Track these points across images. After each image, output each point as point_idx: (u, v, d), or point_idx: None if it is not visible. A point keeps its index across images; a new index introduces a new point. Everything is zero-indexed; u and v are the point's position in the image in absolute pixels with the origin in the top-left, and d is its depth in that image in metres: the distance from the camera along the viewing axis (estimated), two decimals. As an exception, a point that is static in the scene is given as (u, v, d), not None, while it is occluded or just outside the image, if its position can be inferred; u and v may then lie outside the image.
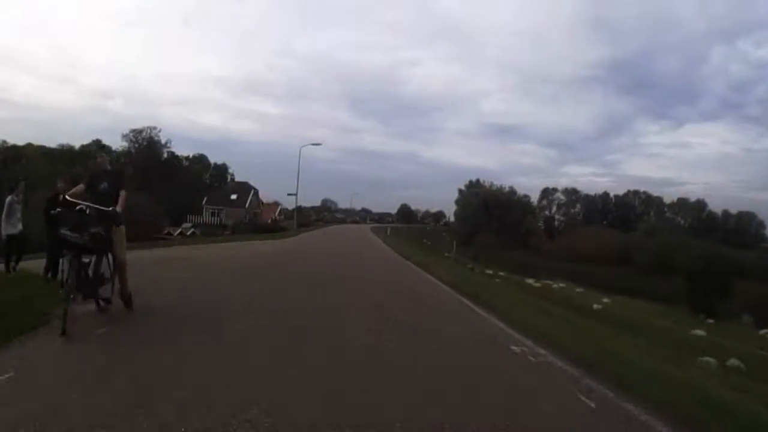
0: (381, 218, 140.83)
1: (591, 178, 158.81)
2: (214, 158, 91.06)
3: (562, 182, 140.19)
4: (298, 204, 52.94)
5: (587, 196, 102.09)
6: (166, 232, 45.08)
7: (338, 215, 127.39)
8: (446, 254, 32.23)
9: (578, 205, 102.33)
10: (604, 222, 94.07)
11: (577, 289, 27.17)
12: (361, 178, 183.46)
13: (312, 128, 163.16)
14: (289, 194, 50.51)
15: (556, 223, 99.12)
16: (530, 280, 25.58)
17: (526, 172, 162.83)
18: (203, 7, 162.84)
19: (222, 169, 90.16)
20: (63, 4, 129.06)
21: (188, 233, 50.17)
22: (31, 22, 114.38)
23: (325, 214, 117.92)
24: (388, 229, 64.71)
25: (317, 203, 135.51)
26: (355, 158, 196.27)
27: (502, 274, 26.31)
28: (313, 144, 49.79)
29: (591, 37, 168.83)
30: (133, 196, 44.85)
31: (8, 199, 9.23)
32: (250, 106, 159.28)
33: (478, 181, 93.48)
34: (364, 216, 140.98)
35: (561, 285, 27.33)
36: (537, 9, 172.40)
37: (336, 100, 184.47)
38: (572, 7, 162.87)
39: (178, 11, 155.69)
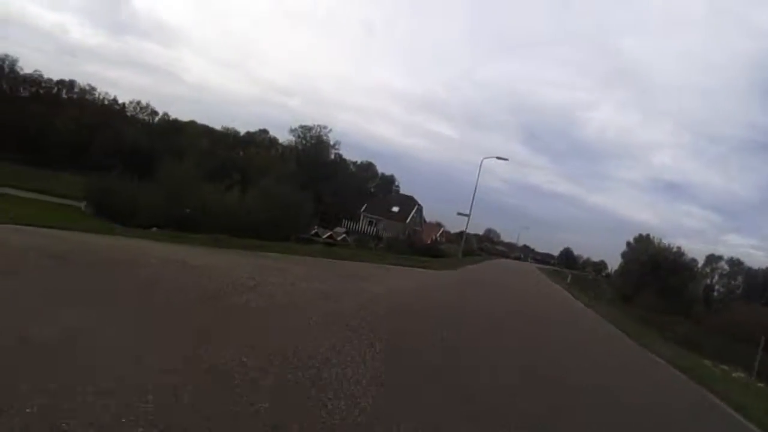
0: (543, 258, 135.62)
1: (749, 250, 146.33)
2: (382, 169, 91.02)
3: (720, 250, 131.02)
4: (466, 228, 48.82)
5: (750, 269, 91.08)
6: (313, 232, 45.19)
7: (499, 248, 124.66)
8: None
9: (739, 278, 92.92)
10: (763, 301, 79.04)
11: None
12: (525, 214, 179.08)
13: (482, 155, 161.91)
14: (459, 213, 45.59)
15: (715, 293, 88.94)
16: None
17: (688, 234, 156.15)
18: (390, 19, 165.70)
19: (388, 181, 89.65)
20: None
21: (339, 237, 49.40)
22: (213, 10, 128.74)
23: (486, 244, 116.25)
24: (569, 277, 58.26)
25: (480, 231, 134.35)
26: (522, 192, 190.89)
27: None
28: (498, 158, 43.25)
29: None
30: (277, 188, 41.07)
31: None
32: (424, 125, 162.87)
33: (648, 236, 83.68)
34: (525, 253, 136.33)
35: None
36: (714, 67, 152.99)
37: (510, 132, 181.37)
38: (750, 73, 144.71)
39: (364, 19, 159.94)
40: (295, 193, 41.40)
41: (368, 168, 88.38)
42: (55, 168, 59.58)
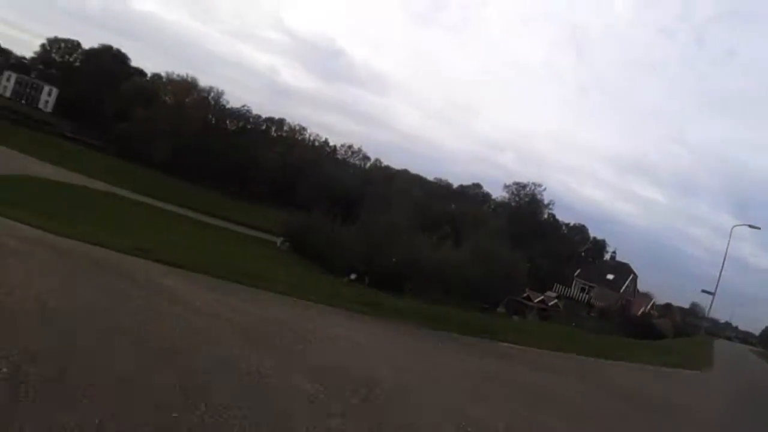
0: (744, 337, 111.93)
1: None
2: (593, 232, 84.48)
3: None
4: (710, 309, 40.41)
5: None
6: (524, 295, 41.96)
7: (704, 323, 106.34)
8: None
9: None
10: None
11: None
12: (730, 289, 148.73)
13: (692, 225, 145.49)
14: (703, 291, 38.48)
15: None
16: None
17: None
18: (600, 78, 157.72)
19: (600, 245, 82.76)
20: (467, 52, 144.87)
21: (550, 303, 44.55)
22: (427, 61, 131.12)
23: (692, 319, 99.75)
24: None
25: (684, 303, 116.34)
26: (729, 264, 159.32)
27: None
28: (750, 226, 36.14)
29: None
30: (491, 244, 34.24)
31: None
32: (634, 188, 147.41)
33: None
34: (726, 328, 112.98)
35: None
36: None
37: (719, 199, 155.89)
38: None
39: (578, 77, 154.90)
40: (508, 252, 38.58)
41: (580, 230, 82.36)
42: (258, 202, 61.80)
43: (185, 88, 70.69)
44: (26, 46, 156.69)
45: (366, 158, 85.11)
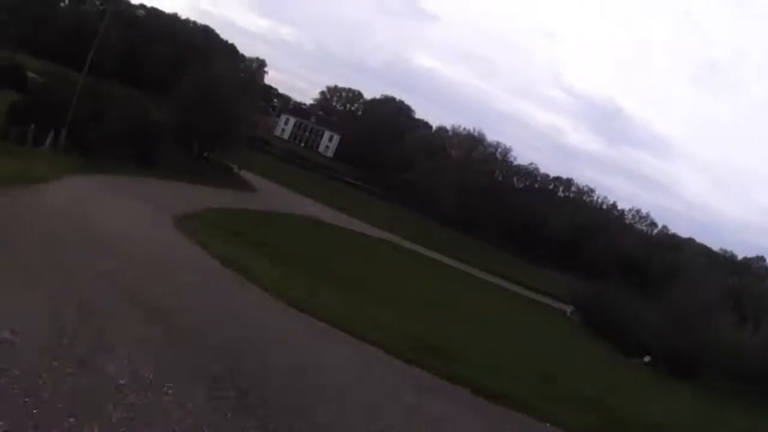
0: None
1: None
2: None
3: None
4: None
5: None
6: None
7: None
8: None
9: None
10: None
11: None
12: None
13: None
14: None
15: None
16: None
17: None
18: None
19: None
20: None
21: None
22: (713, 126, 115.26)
23: None
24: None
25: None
26: None
27: None
28: None
29: None
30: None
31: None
32: None
33: None
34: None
35: None
36: None
37: None
38: None
39: None
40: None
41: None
42: (540, 263, 59.45)
43: (472, 141, 71.59)
44: (304, 93, 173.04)
45: (653, 224, 77.39)
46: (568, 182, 78.07)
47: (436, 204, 59.82)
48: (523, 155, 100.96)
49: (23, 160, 14.06)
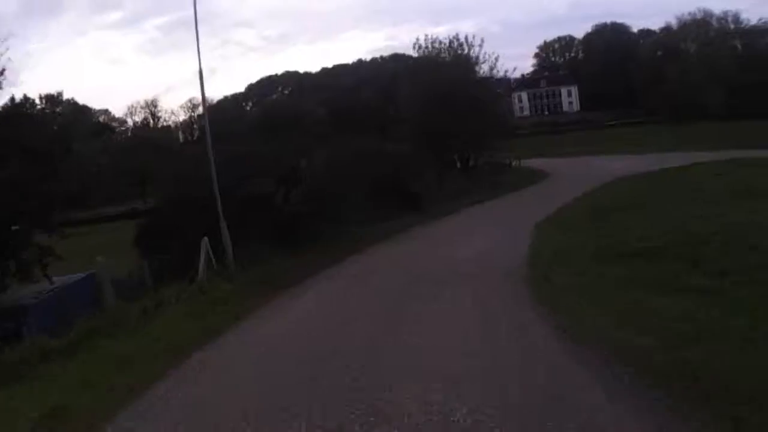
0: None
1: None
2: None
3: None
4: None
5: None
6: None
7: None
8: None
9: None
10: None
11: None
12: None
13: None
14: None
15: None
16: None
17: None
18: None
19: None
20: None
21: None
22: None
23: None
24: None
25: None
26: None
27: None
28: None
29: None
30: None
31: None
32: None
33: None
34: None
35: None
36: None
37: None
38: None
39: None
40: None
41: None
42: None
43: (701, 25, 59.96)
44: (519, 69, 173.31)
45: None
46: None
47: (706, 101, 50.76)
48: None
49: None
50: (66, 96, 61.37)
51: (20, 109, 16.34)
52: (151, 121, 67.72)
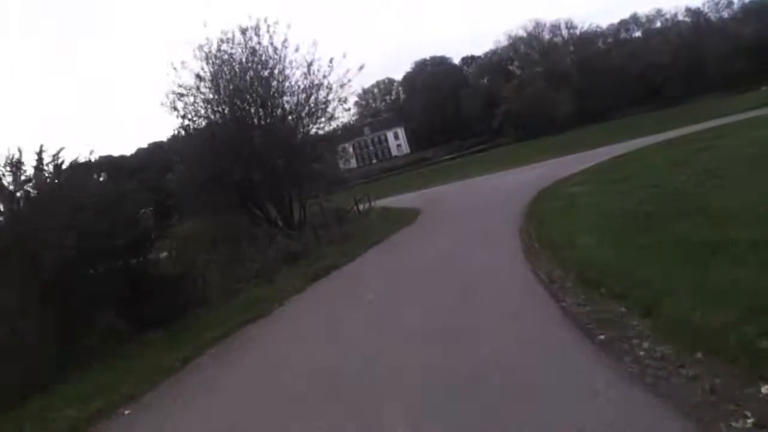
0: None
1: None
2: None
3: None
4: None
5: None
6: None
7: None
8: None
9: None
10: None
11: None
12: None
13: None
14: None
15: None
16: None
17: None
18: None
19: None
20: None
21: None
22: None
23: None
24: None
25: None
26: None
27: None
28: None
29: None
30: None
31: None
32: None
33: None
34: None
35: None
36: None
37: None
38: None
39: None
40: None
41: None
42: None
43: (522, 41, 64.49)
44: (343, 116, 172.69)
45: None
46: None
47: (555, 116, 51.34)
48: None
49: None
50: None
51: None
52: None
